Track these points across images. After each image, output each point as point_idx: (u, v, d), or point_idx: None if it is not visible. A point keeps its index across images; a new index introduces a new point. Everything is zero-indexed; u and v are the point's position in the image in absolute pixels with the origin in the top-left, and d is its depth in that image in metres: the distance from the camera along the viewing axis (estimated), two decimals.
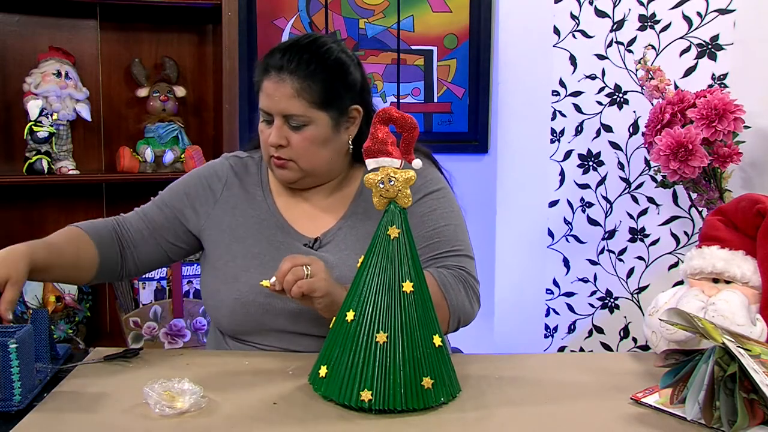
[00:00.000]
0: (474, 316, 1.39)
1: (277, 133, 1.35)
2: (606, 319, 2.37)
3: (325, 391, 1.09)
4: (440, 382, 1.09)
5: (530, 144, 2.44)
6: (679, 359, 1.10)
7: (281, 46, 1.38)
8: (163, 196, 1.49)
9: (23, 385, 1.07)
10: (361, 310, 1.07)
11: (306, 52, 1.35)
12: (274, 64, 1.35)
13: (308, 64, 1.33)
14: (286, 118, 1.34)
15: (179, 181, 1.51)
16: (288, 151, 1.36)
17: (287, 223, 1.42)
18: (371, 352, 1.05)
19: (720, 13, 2.08)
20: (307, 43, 1.37)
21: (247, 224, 1.42)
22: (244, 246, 1.40)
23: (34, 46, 2.29)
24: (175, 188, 1.50)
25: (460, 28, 2.62)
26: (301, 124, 1.34)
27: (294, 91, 1.33)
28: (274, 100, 1.34)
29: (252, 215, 1.43)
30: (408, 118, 1.10)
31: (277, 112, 1.34)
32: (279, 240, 1.40)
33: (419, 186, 1.42)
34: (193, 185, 1.48)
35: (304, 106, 1.33)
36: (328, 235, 1.42)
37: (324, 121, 1.36)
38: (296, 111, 1.33)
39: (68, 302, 2.30)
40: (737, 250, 1.31)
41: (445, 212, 1.42)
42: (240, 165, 1.49)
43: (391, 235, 1.09)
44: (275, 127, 1.35)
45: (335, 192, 1.46)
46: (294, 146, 1.36)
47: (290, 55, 1.34)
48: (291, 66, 1.33)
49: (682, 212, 2.19)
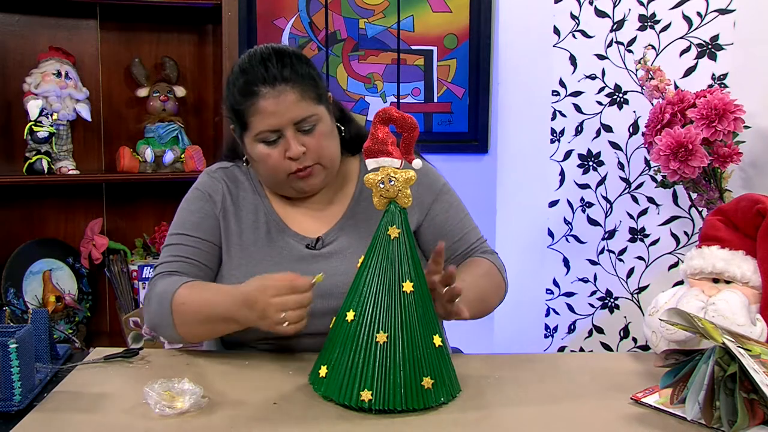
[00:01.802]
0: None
1: (295, 143, 1.33)
2: (606, 319, 2.37)
3: (325, 391, 1.09)
4: (440, 382, 1.09)
5: (530, 144, 2.44)
6: (679, 359, 1.10)
7: (252, 67, 1.33)
8: (185, 229, 1.40)
9: (23, 385, 1.07)
10: (361, 310, 1.07)
11: (284, 57, 1.34)
12: (264, 81, 1.32)
13: (292, 67, 1.33)
14: (297, 125, 1.33)
15: (186, 209, 1.43)
16: (308, 157, 1.35)
17: (287, 226, 1.42)
18: (371, 352, 1.05)
19: (720, 13, 2.08)
20: (278, 51, 1.35)
21: (248, 231, 1.41)
22: (248, 253, 1.40)
23: (34, 46, 2.29)
24: (187, 217, 1.42)
25: (460, 28, 2.62)
26: (312, 125, 1.34)
27: (298, 95, 1.32)
28: (281, 113, 1.32)
29: (252, 221, 1.42)
30: (408, 118, 1.10)
31: (287, 122, 1.32)
32: (280, 245, 1.40)
33: (430, 183, 1.47)
34: (199, 205, 1.43)
35: (310, 105, 1.34)
36: (330, 234, 1.42)
37: (325, 114, 1.37)
38: (306, 113, 1.33)
39: (68, 302, 2.31)
40: (737, 250, 1.31)
41: (458, 204, 1.51)
42: (229, 175, 1.47)
43: (391, 235, 1.09)
44: (290, 138, 1.33)
45: (331, 190, 1.46)
46: (312, 148, 1.35)
47: (277, 66, 1.32)
48: (285, 74, 1.32)
49: (682, 212, 2.19)
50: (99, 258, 2.33)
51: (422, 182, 1.46)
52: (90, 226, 2.36)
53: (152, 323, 1.35)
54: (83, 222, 2.39)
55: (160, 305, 1.30)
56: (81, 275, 2.39)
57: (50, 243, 2.37)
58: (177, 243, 1.40)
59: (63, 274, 2.35)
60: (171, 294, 1.29)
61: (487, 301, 1.39)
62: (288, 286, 1.17)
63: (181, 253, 1.38)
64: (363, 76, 2.60)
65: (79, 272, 2.38)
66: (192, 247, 1.39)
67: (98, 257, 2.33)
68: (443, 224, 1.46)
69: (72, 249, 2.39)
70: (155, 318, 1.33)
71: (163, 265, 1.38)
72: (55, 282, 2.32)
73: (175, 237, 1.41)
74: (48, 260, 2.34)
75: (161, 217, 2.46)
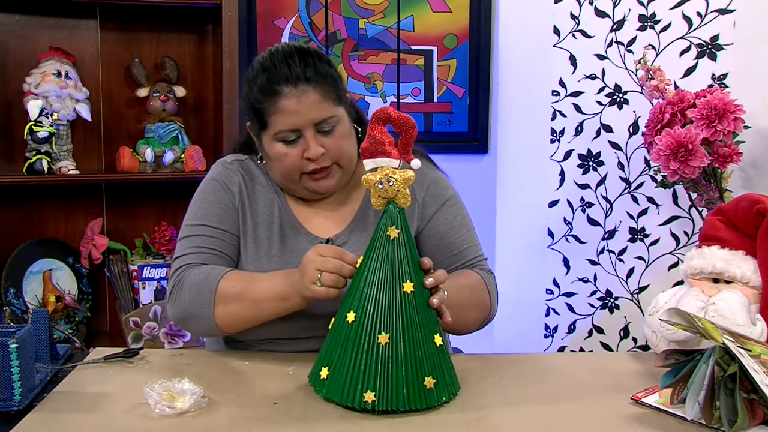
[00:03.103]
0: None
1: (315, 143, 1.33)
2: (606, 319, 2.37)
3: (326, 393, 1.09)
4: (442, 382, 1.09)
5: (530, 144, 2.44)
6: (679, 359, 1.10)
7: (275, 64, 1.32)
8: (206, 220, 1.39)
9: (23, 385, 1.07)
10: (362, 311, 1.07)
11: (308, 56, 1.34)
12: (286, 80, 1.30)
13: (316, 67, 1.33)
14: (317, 125, 1.33)
15: (204, 199, 1.41)
16: (327, 157, 1.35)
17: (300, 225, 1.42)
18: (373, 353, 1.05)
19: (720, 13, 2.08)
20: (297, 51, 1.35)
21: (262, 226, 1.41)
22: (261, 248, 1.39)
23: (34, 46, 2.29)
24: (207, 207, 1.40)
25: (460, 28, 2.62)
26: (332, 126, 1.34)
27: (320, 96, 1.32)
28: (303, 112, 1.31)
29: (267, 215, 1.42)
30: (406, 118, 1.10)
31: (308, 122, 1.32)
32: (292, 242, 1.40)
33: (437, 193, 1.46)
34: (218, 195, 1.41)
35: (332, 106, 1.33)
36: (341, 237, 1.42)
37: (344, 115, 1.37)
38: (327, 114, 1.33)
39: (68, 302, 2.31)
40: (737, 250, 1.31)
41: (464, 218, 1.47)
42: (245, 168, 1.46)
43: (391, 235, 1.09)
44: (309, 138, 1.32)
45: (344, 191, 1.46)
46: (331, 149, 1.34)
47: (300, 65, 1.31)
48: (307, 74, 1.31)
49: (682, 212, 2.19)
50: (99, 258, 2.33)
51: (430, 190, 1.46)
52: (90, 226, 2.36)
53: (185, 313, 1.31)
54: (83, 222, 2.39)
55: (198, 293, 1.29)
56: (81, 275, 2.39)
57: (50, 243, 2.37)
58: (200, 234, 1.37)
59: (63, 274, 2.35)
60: (217, 279, 1.28)
61: (463, 313, 1.30)
62: (335, 251, 1.18)
63: (205, 245, 1.36)
64: (363, 76, 2.60)
65: (79, 272, 2.38)
66: (216, 239, 1.37)
67: (98, 257, 2.33)
68: (444, 236, 1.44)
69: (72, 249, 2.39)
70: (191, 307, 1.30)
71: (188, 256, 1.35)
72: (55, 282, 2.32)
73: (197, 228, 1.38)
74: (48, 260, 2.34)
75: (161, 217, 2.46)
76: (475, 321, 1.38)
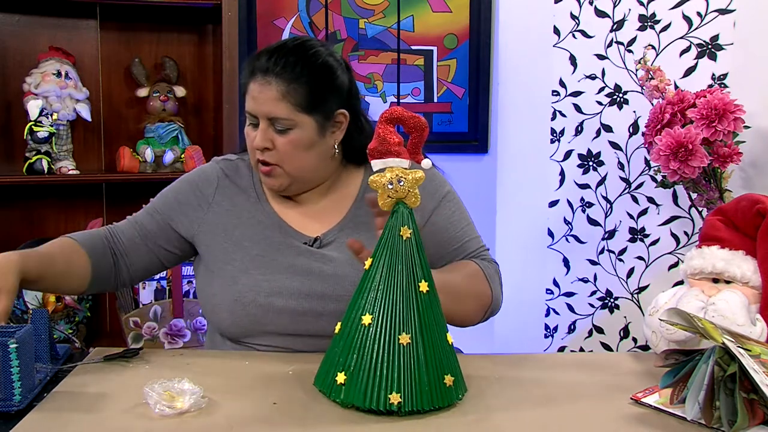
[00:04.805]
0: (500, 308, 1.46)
1: (263, 135, 1.34)
2: (606, 319, 2.37)
3: (345, 398, 1.07)
4: (458, 380, 1.10)
5: (530, 144, 2.44)
6: (679, 359, 1.10)
7: (268, 49, 1.37)
8: (155, 203, 1.48)
9: (23, 385, 1.07)
10: (378, 313, 1.06)
11: (292, 54, 1.34)
12: (260, 67, 1.34)
13: (294, 67, 1.32)
14: (272, 121, 1.34)
15: (170, 188, 1.50)
16: (273, 155, 1.35)
17: (285, 223, 1.42)
18: (395, 355, 1.04)
19: (720, 13, 2.08)
20: (294, 46, 1.36)
21: (243, 226, 1.42)
22: (242, 248, 1.39)
23: (34, 46, 2.29)
24: (165, 195, 1.48)
25: (460, 28, 2.62)
26: (286, 127, 1.33)
27: (279, 94, 1.32)
28: (259, 103, 1.33)
29: (248, 217, 1.42)
30: (418, 118, 1.09)
31: (262, 114, 1.33)
32: (278, 240, 1.40)
33: (433, 189, 1.45)
34: (183, 191, 1.47)
35: (289, 109, 1.32)
36: (329, 235, 1.41)
37: (309, 125, 1.35)
38: (281, 114, 1.32)
39: (68, 302, 2.30)
40: (737, 250, 1.31)
41: (462, 212, 1.48)
42: (231, 167, 1.48)
43: (404, 235, 1.08)
44: (260, 129, 1.34)
45: (330, 194, 1.46)
46: (279, 150, 1.35)
47: (276, 58, 1.33)
48: (277, 68, 1.32)
49: (682, 212, 2.19)
50: None
51: (426, 187, 1.45)
52: (90, 226, 2.36)
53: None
54: (83, 222, 2.38)
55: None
56: None
57: None
58: (143, 212, 1.48)
59: None
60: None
61: (460, 303, 1.31)
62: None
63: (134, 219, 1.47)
64: (363, 76, 2.60)
65: None
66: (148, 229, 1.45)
67: None
68: (444, 231, 1.44)
69: None
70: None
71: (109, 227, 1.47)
72: None
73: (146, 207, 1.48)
74: None
75: None
76: (475, 310, 1.38)
